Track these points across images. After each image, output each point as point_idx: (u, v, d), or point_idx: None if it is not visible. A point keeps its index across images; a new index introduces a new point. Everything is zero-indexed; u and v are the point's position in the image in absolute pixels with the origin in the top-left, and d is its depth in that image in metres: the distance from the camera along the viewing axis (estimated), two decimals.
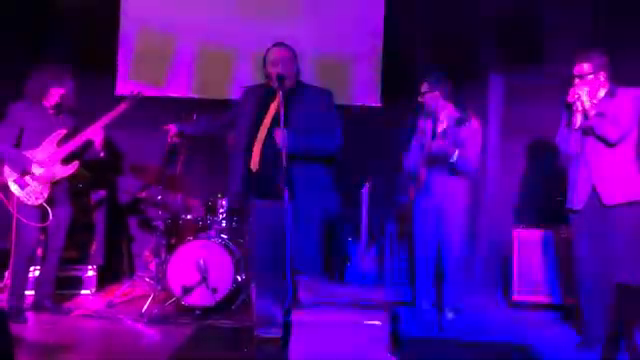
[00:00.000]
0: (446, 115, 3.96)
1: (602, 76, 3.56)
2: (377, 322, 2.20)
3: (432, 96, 3.96)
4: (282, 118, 3.05)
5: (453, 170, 3.86)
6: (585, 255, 3.65)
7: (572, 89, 3.53)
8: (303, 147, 3.19)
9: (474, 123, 3.85)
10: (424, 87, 4.00)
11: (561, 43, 5.00)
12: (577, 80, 3.57)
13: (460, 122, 3.69)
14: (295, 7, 5.41)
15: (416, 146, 4.12)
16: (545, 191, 5.08)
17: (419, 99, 4.01)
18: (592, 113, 3.49)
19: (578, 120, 3.51)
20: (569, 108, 3.56)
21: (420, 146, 4.03)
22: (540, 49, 5.15)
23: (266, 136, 3.22)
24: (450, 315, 3.97)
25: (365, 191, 4.86)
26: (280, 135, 3.08)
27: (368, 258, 4.77)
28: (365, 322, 2.21)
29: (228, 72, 5.45)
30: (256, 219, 3.33)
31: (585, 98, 3.48)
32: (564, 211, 3.77)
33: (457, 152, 3.79)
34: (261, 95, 3.38)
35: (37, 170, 3.91)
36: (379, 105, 5.36)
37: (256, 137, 3.26)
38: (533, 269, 4.62)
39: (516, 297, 4.63)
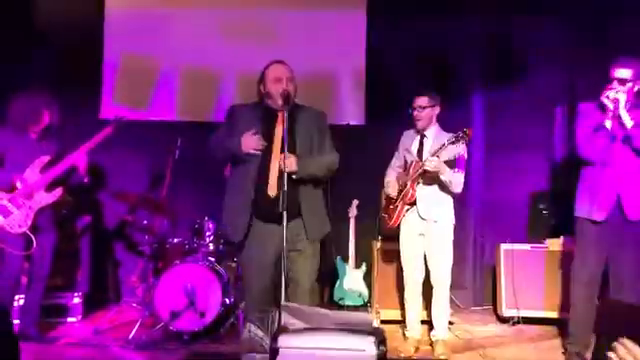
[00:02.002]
0: (433, 133, 3.98)
1: (637, 86, 3.47)
2: (364, 347, 2.19)
3: (431, 111, 3.95)
4: (285, 138, 2.95)
5: (442, 187, 3.87)
6: (594, 268, 3.53)
7: (608, 92, 3.42)
8: (312, 170, 3.18)
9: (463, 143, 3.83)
10: (423, 101, 3.93)
11: (542, 59, 5.08)
12: (615, 84, 3.44)
13: (456, 140, 3.67)
14: (278, 28, 5.43)
15: (398, 163, 4.13)
16: (530, 205, 5.12)
17: (415, 113, 3.94)
18: (630, 123, 3.39)
19: (608, 124, 3.43)
20: (603, 110, 3.46)
21: (404, 163, 4.05)
22: (521, 66, 5.21)
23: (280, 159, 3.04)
24: (440, 332, 3.96)
25: (352, 209, 4.87)
26: (291, 161, 3.04)
27: (356, 276, 4.77)
28: (352, 347, 2.20)
29: (212, 94, 5.46)
30: (261, 243, 3.14)
31: (622, 104, 3.39)
32: (577, 221, 3.61)
33: (448, 170, 3.80)
34: (261, 115, 3.20)
35: (21, 194, 3.88)
36: (363, 124, 5.38)
37: (268, 160, 3.12)
38: (521, 283, 4.61)
39: (505, 312, 4.63)
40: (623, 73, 3.44)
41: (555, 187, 5.13)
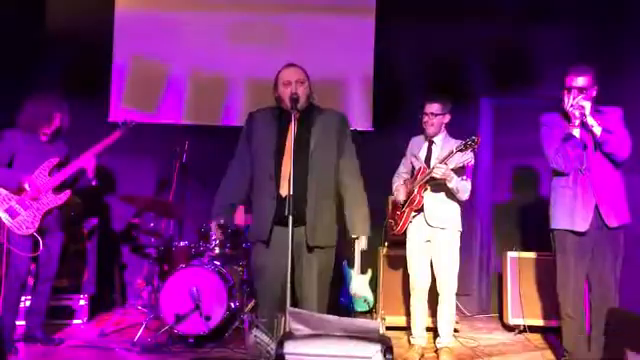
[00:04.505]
0: (441, 140, 3.97)
1: (595, 91, 3.48)
2: (370, 354, 2.19)
3: (442, 119, 3.94)
4: (292, 138, 2.95)
5: (449, 194, 3.86)
6: (579, 278, 3.54)
7: (574, 102, 3.40)
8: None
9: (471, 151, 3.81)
10: (435, 108, 3.91)
11: (549, 66, 5.07)
12: (575, 92, 3.43)
13: (465, 148, 3.65)
14: (286, 34, 5.46)
15: (405, 169, 4.13)
16: (536, 213, 5.10)
17: (425, 119, 3.93)
18: (599, 129, 3.38)
19: (577, 132, 3.42)
20: (568, 119, 3.46)
21: (412, 169, 4.04)
22: (529, 72, 5.21)
23: (293, 160, 2.96)
24: (445, 339, 3.95)
25: None
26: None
27: (362, 282, 4.76)
28: (358, 354, 2.20)
29: (221, 98, 5.48)
30: (274, 245, 3.11)
31: (588, 112, 3.38)
32: (556, 233, 3.60)
33: (456, 177, 3.79)
34: (275, 118, 3.22)
35: (29, 196, 3.90)
36: (371, 129, 5.39)
37: (281, 162, 3.11)
38: (527, 291, 4.60)
39: (511, 320, 4.61)
40: (580, 81, 3.45)
41: None
